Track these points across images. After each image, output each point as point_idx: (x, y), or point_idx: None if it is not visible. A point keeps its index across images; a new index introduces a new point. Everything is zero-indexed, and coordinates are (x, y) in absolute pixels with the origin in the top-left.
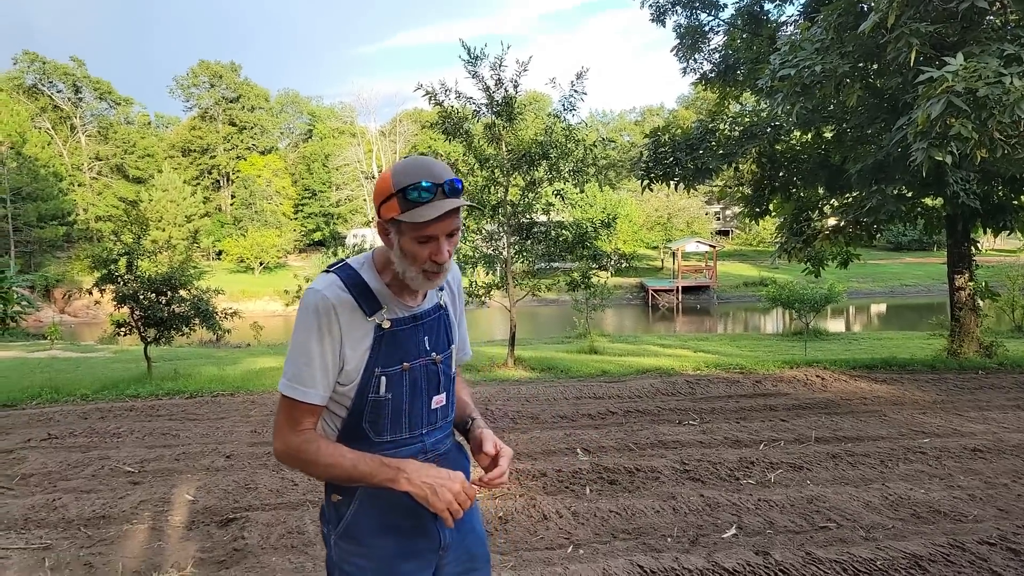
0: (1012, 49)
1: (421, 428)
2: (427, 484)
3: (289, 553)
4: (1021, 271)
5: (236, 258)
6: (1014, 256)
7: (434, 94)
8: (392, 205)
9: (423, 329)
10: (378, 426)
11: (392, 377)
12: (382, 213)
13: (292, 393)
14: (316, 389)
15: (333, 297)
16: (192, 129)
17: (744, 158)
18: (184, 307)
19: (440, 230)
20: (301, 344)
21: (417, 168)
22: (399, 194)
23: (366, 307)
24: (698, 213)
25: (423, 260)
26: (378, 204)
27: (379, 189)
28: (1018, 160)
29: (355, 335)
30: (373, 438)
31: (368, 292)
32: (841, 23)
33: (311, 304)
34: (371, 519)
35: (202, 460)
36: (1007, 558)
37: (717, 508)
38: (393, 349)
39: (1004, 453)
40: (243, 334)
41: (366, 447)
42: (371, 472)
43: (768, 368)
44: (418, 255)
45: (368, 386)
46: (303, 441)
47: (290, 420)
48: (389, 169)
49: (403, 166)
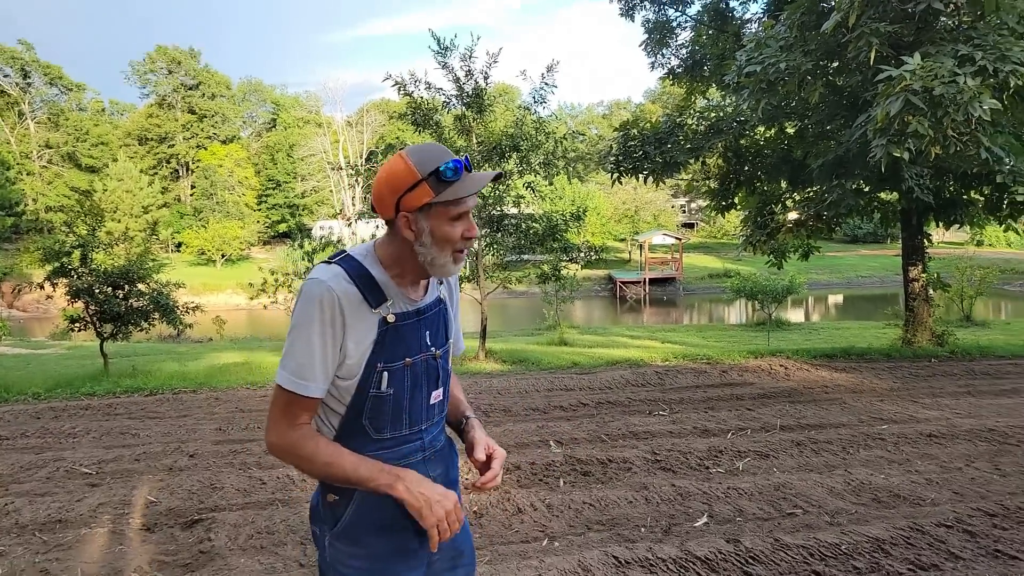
0: (966, 50)
1: (421, 424)
2: (424, 497)
3: (259, 554)
4: (969, 263)
5: (197, 250)
6: (962, 248)
7: (403, 85)
8: (422, 191)
9: (425, 323)
10: (378, 422)
11: (394, 372)
12: (408, 204)
13: (292, 387)
14: (316, 383)
15: (338, 289)
16: (149, 117)
17: (711, 152)
18: (143, 301)
19: (471, 205)
20: (302, 336)
21: (434, 151)
22: (430, 177)
23: (371, 299)
24: (664, 206)
25: (456, 240)
26: (397, 198)
27: (398, 182)
28: (969, 157)
29: (359, 328)
30: (373, 435)
31: (373, 284)
32: (804, 22)
33: (315, 295)
34: (369, 519)
35: (164, 460)
36: (963, 540)
37: (688, 497)
38: (396, 344)
39: (957, 438)
40: (205, 328)
41: (365, 445)
42: (370, 476)
43: (734, 358)
44: (451, 236)
45: (369, 381)
46: (301, 436)
47: (287, 414)
48: (399, 162)
49: (418, 153)
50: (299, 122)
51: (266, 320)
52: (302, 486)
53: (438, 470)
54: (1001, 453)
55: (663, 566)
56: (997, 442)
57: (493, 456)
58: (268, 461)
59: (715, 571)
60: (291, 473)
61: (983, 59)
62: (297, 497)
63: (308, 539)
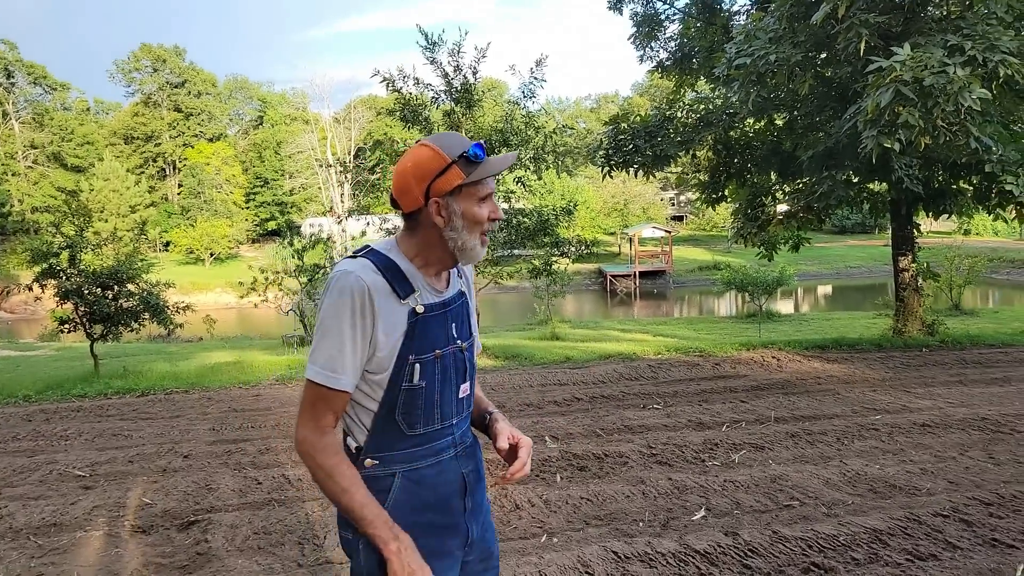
0: (955, 40)
1: (452, 418)
2: (409, 569)
3: (256, 555)
4: (958, 252)
5: (185, 249)
6: (950, 238)
7: (392, 80)
8: (452, 174)
9: (451, 316)
10: (412, 417)
11: (426, 364)
12: (439, 188)
13: (323, 380)
14: (347, 375)
15: (368, 279)
16: (135, 116)
17: (701, 145)
18: (133, 301)
19: (492, 187)
20: (333, 328)
21: (456, 137)
22: (460, 160)
23: (400, 290)
24: (653, 199)
25: (484, 222)
26: (428, 184)
27: (426, 169)
28: (958, 146)
29: (390, 320)
30: (407, 431)
31: (401, 275)
32: (793, 13)
33: (345, 286)
34: (405, 517)
35: (158, 461)
36: (960, 529)
37: (685, 491)
38: (426, 335)
39: (950, 427)
40: (195, 328)
41: (399, 442)
42: (373, 520)
43: (726, 351)
44: (480, 217)
45: (402, 374)
46: (326, 446)
47: (314, 410)
48: (424, 151)
49: (441, 139)
50: (286, 119)
51: (256, 319)
52: (298, 486)
53: (469, 466)
54: (994, 442)
55: (663, 560)
56: (990, 431)
57: (519, 445)
58: (263, 461)
59: (715, 564)
60: (287, 473)
61: (972, 49)
62: (293, 497)
63: (306, 539)
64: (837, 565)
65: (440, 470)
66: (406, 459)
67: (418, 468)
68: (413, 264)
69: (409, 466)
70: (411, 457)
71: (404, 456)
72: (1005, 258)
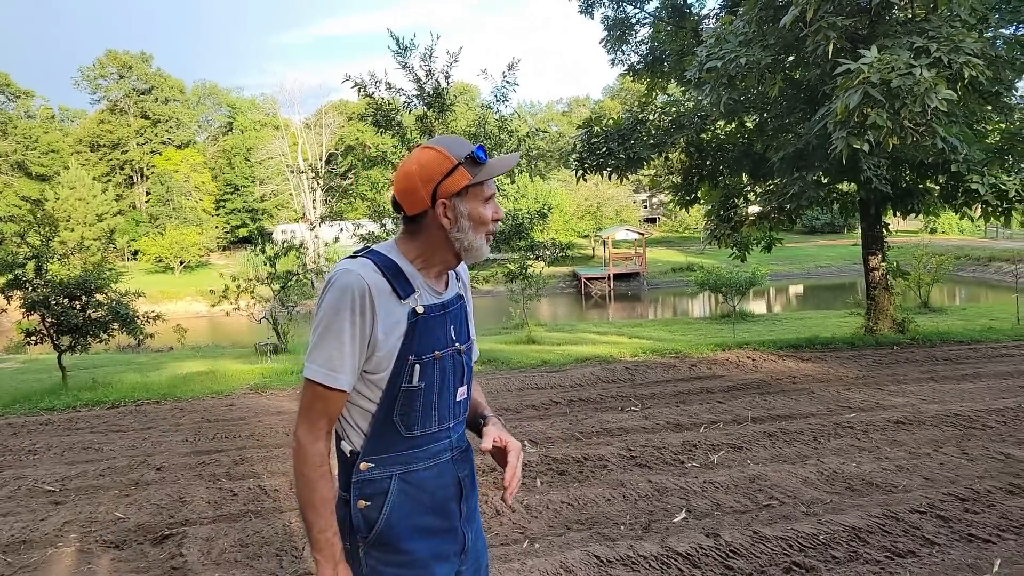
0: (921, 42)
1: (449, 421)
2: None
3: (234, 568)
4: (925, 251)
5: (154, 258)
6: (917, 237)
7: (363, 85)
8: (459, 175)
9: (450, 317)
10: (409, 419)
11: (425, 365)
12: (446, 189)
13: (320, 378)
14: (345, 374)
15: (367, 278)
16: (101, 123)
17: (673, 147)
18: (101, 312)
19: (494, 189)
20: (332, 327)
21: (459, 139)
22: (466, 161)
23: (400, 290)
24: (626, 202)
25: (488, 222)
26: (435, 186)
27: (433, 171)
28: (925, 147)
29: (389, 320)
30: (404, 433)
31: (401, 275)
32: (762, 16)
33: (344, 285)
34: (405, 521)
35: (130, 474)
36: (937, 525)
37: (665, 493)
38: (426, 336)
39: (923, 424)
40: (165, 338)
41: (396, 444)
42: (323, 547)
43: (702, 351)
44: (485, 217)
45: (401, 375)
46: (313, 455)
47: (310, 412)
48: (430, 153)
49: (445, 142)
50: (256, 125)
51: (228, 327)
52: (275, 496)
53: (465, 470)
54: (967, 437)
55: (645, 564)
56: (962, 427)
57: (507, 449)
58: (239, 472)
59: (697, 567)
60: (263, 483)
61: (938, 51)
62: (270, 508)
63: (284, 550)
64: (818, 564)
65: (437, 473)
66: (403, 461)
67: (415, 471)
68: (413, 265)
69: (406, 468)
70: (408, 460)
71: (401, 458)
72: (971, 256)
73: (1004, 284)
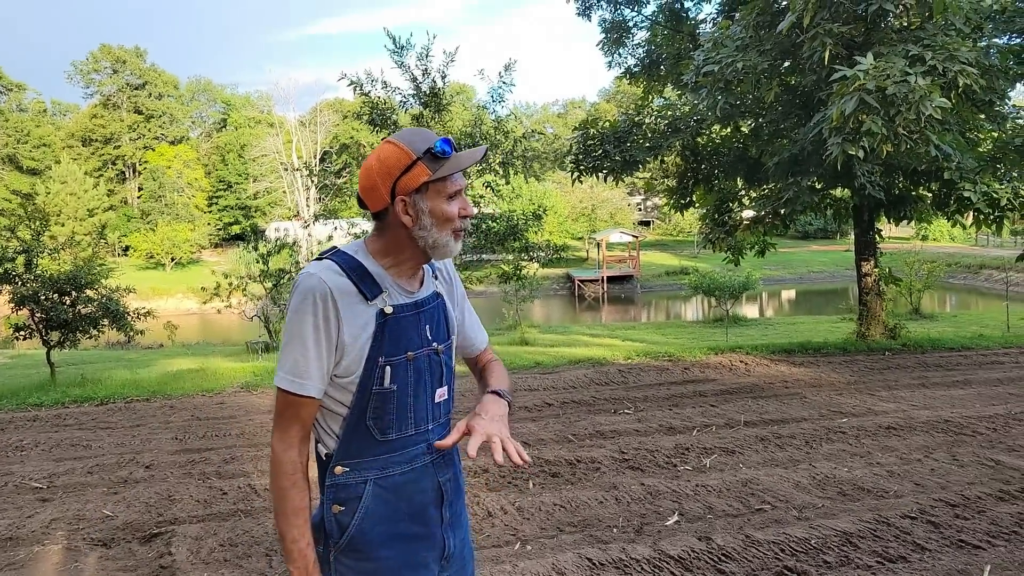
0: (916, 50)
1: (427, 424)
2: None
3: (222, 567)
4: (917, 257)
5: (145, 254)
6: (908, 243)
7: (359, 84)
8: (418, 171)
9: (424, 317)
10: (383, 422)
11: (397, 366)
12: (405, 186)
13: (287, 385)
14: (312, 381)
15: (330, 281)
16: (93, 117)
17: (669, 151)
18: (91, 308)
19: (463, 183)
20: (296, 333)
21: (422, 132)
22: (425, 156)
23: (367, 291)
24: (621, 204)
25: (454, 219)
26: (393, 182)
27: (392, 166)
28: (919, 154)
29: (355, 323)
30: (378, 437)
31: (367, 275)
32: (759, 22)
33: (305, 289)
34: (378, 528)
35: (118, 472)
36: (928, 531)
37: (658, 496)
38: (397, 337)
39: (915, 430)
40: (156, 335)
41: (370, 449)
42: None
43: (695, 355)
44: (450, 214)
45: (372, 377)
46: (285, 463)
47: (282, 419)
48: (389, 147)
49: (407, 136)
50: (250, 122)
51: (219, 325)
52: (265, 496)
53: (447, 475)
54: (957, 444)
55: (637, 567)
56: (953, 433)
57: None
58: (228, 470)
59: (689, 570)
60: (253, 483)
61: (933, 59)
62: (260, 507)
63: (274, 550)
64: (809, 568)
65: (415, 478)
66: (378, 466)
67: (391, 475)
68: (382, 265)
69: (381, 473)
70: (383, 464)
71: (376, 463)
72: (961, 263)
73: (994, 292)
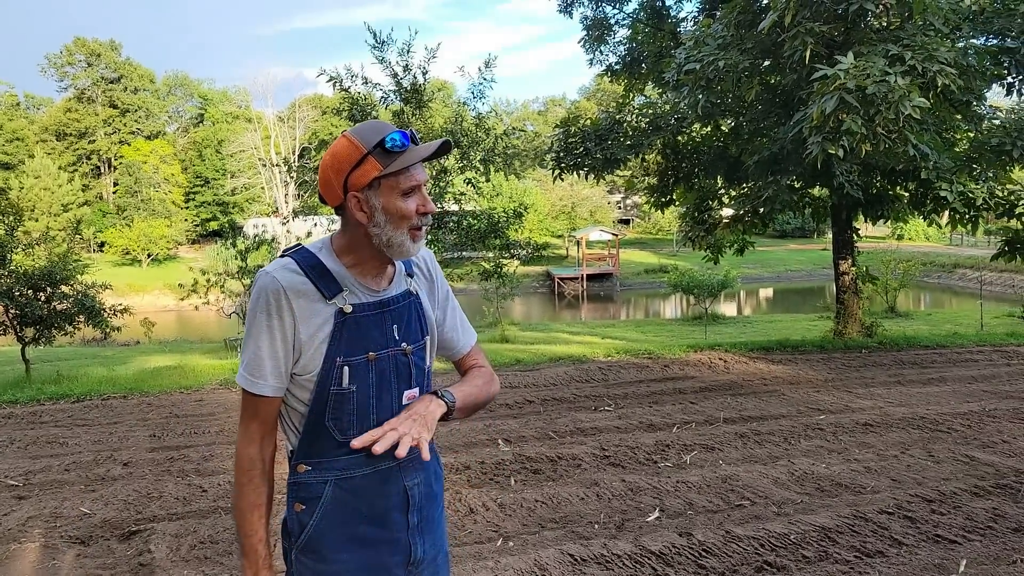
0: (896, 50)
1: None
2: None
3: (203, 565)
4: (893, 256)
5: (121, 250)
6: (884, 243)
7: (339, 80)
8: (369, 165)
9: (391, 316)
10: (342, 423)
11: (356, 367)
12: (356, 182)
13: (244, 384)
14: (267, 380)
15: (284, 279)
16: (68, 111)
17: (650, 149)
18: (67, 304)
19: (421, 178)
20: (251, 331)
21: (377, 125)
22: (376, 150)
23: (325, 290)
24: (601, 202)
25: (411, 216)
26: (344, 178)
27: (343, 161)
28: (896, 154)
29: (312, 321)
30: (338, 437)
31: (326, 274)
32: (740, 20)
33: (259, 287)
34: (337, 529)
35: (96, 469)
36: (905, 526)
37: (639, 492)
38: (357, 336)
39: (891, 427)
40: (132, 331)
41: (332, 450)
42: (248, 552)
43: (674, 352)
44: (405, 211)
45: (329, 377)
46: (243, 458)
47: (243, 416)
48: (342, 142)
49: (361, 130)
50: (228, 117)
51: (197, 322)
52: None
53: (416, 479)
54: (933, 440)
55: (619, 562)
56: (928, 429)
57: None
58: (208, 468)
59: (670, 565)
60: (233, 480)
61: (912, 59)
62: None
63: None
64: (789, 563)
65: (378, 480)
66: (340, 467)
67: (353, 477)
68: (343, 262)
69: (342, 474)
70: (345, 465)
71: (337, 464)
72: (936, 262)
73: (968, 291)
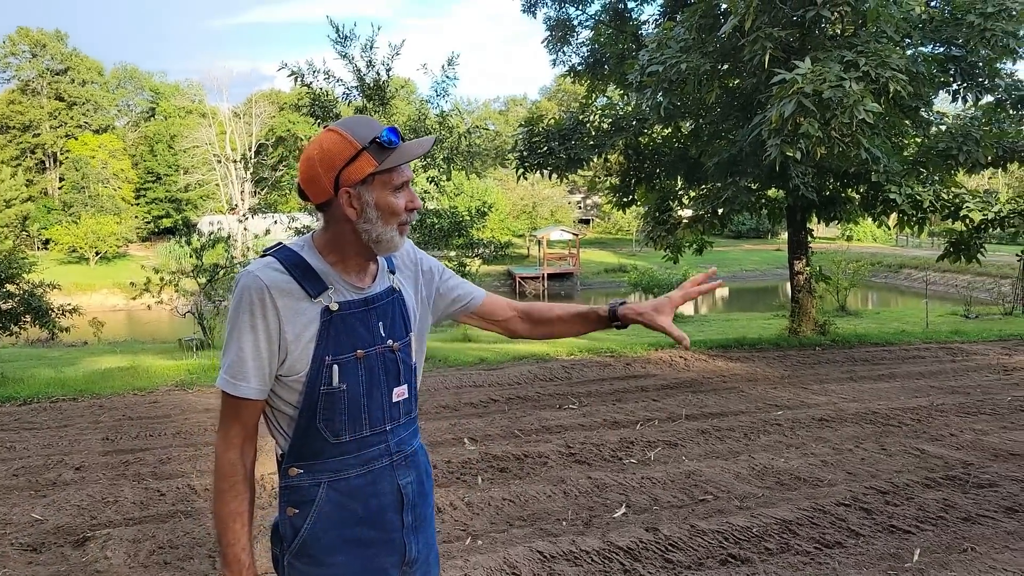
0: (851, 56)
1: (384, 424)
2: None
3: (163, 570)
4: (843, 257)
5: (67, 247)
6: (834, 243)
7: (300, 75)
8: (364, 161)
9: (376, 313)
10: (334, 424)
11: (345, 366)
12: (349, 177)
13: (225, 387)
14: (249, 383)
15: (268, 279)
16: (10, 104)
17: (612, 149)
18: (12, 303)
19: (410, 175)
20: (234, 332)
21: (366, 121)
22: (371, 146)
23: (310, 288)
24: (561, 202)
25: (400, 212)
26: (336, 174)
27: (335, 157)
28: (849, 157)
29: (298, 321)
30: (331, 439)
31: (311, 272)
32: (702, 24)
33: (242, 287)
34: (332, 532)
35: (46, 474)
36: (861, 517)
37: (605, 489)
38: (344, 335)
39: (845, 421)
40: (80, 332)
41: (324, 451)
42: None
43: (636, 351)
44: (396, 207)
45: (319, 377)
46: (224, 464)
47: (223, 420)
48: (332, 137)
49: (351, 124)
50: (181, 112)
51: (148, 321)
52: (206, 496)
53: (408, 478)
54: (885, 434)
55: (587, 558)
56: (880, 423)
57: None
58: (165, 471)
59: (637, 560)
60: (192, 483)
61: (866, 65)
62: (201, 508)
63: (217, 551)
64: (752, 556)
65: (371, 480)
66: (332, 468)
67: (346, 478)
68: (327, 260)
69: (336, 476)
70: (338, 466)
71: (330, 465)
72: (883, 263)
73: (913, 290)
